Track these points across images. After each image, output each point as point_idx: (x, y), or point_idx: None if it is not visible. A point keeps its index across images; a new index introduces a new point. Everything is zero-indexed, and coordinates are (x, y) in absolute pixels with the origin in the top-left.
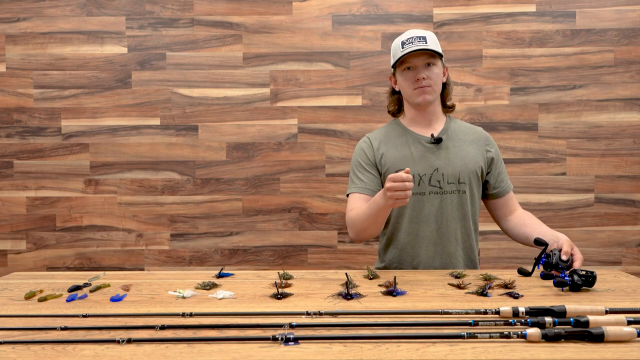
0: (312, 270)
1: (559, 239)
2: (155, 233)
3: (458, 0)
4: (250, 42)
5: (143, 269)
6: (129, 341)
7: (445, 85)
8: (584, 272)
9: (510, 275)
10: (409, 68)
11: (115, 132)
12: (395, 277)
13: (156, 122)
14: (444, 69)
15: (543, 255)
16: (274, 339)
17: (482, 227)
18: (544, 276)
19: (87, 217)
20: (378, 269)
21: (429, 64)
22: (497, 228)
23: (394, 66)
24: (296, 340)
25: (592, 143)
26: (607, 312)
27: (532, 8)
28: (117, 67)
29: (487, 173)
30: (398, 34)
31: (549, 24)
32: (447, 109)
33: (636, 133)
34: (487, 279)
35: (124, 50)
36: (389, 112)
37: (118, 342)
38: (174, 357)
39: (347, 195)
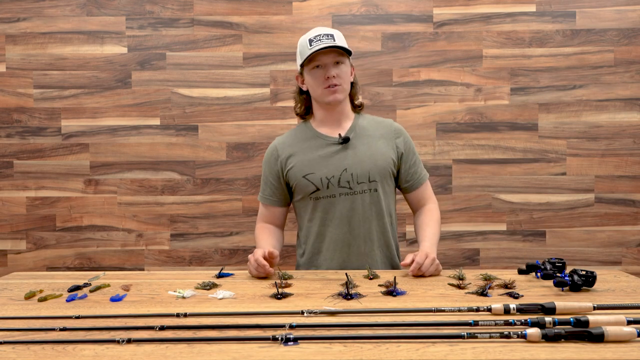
0: (312, 271)
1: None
2: (155, 233)
3: (458, 0)
4: (250, 42)
5: (143, 269)
6: (129, 341)
7: (353, 85)
8: (584, 272)
9: (510, 275)
10: (318, 66)
11: (115, 132)
12: (395, 277)
13: (156, 122)
14: (352, 68)
15: (539, 273)
16: (274, 339)
17: (482, 227)
18: (544, 276)
19: (87, 217)
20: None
21: (337, 62)
22: (497, 228)
23: (302, 65)
24: (296, 340)
25: (592, 143)
26: (595, 308)
27: (532, 8)
28: (117, 67)
29: (398, 166)
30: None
31: (549, 24)
32: (356, 107)
33: (636, 133)
34: (487, 279)
35: (124, 50)
36: (297, 114)
37: (118, 342)
38: (174, 357)
39: None
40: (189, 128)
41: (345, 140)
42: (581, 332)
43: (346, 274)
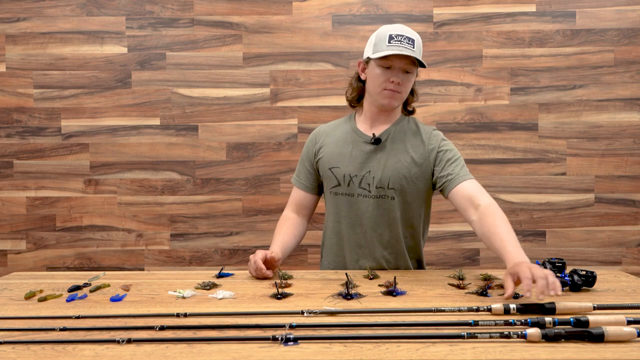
0: (312, 270)
1: (515, 267)
2: (155, 233)
3: (458, 0)
4: (250, 42)
5: (143, 269)
6: (129, 341)
7: (412, 92)
8: (584, 272)
9: None
10: (388, 67)
11: (115, 132)
12: (395, 277)
13: (156, 122)
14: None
15: None
16: (274, 339)
17: None
18: None
19: (87, 217)
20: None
21: (407, 72)
22: None
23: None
24: (296, 340)
25: (592, 143)
26: (595, 308)
27: (532, 8)
28: (117, 67)
29: (434, 170)
30: None
31: (549, 24)
32: (408, 112)
33: (636, 133)
34: (487, 279)
35: (124, 50)
36: (346, 99)
37: (118, 342)
38: (174, 357)
39: None
40: (189, 128)
41: (376, 141)
42: (581, 332)
43: (346, 274)
